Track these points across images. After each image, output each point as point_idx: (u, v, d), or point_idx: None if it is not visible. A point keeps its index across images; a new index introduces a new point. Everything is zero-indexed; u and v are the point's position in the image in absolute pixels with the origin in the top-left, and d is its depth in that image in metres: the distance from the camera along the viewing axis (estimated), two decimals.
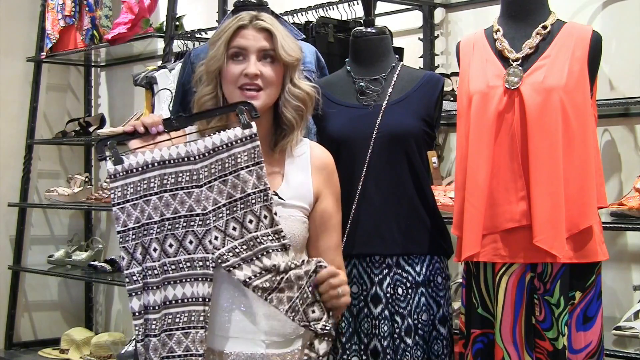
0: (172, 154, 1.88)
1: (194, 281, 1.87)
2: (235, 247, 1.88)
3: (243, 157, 1.89)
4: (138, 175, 1.87)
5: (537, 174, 2.33)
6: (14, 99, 5.10)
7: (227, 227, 1.88)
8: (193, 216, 1.88)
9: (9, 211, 5.04)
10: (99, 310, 5.30)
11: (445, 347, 2.53)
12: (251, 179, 1.89)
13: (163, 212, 1.87)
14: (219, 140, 1.89)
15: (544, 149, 2.33)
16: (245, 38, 2.00)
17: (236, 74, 1.99)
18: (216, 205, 1.88)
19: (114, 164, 1.87)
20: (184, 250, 1.87)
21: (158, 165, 1.88)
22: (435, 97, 2.59)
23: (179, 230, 1.87)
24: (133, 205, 1.86)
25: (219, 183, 1.89)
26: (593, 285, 2.40)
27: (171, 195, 1.87)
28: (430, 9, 3.56)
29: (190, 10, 4.42)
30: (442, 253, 2.58)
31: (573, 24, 2.48)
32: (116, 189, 1.87)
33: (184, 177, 1.88)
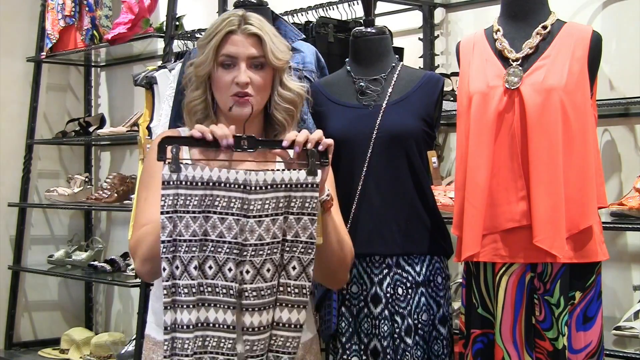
0: (229, 178, 1.82)
1: (227, 308, 1.83)
2: (261, 289, 1.85)
3: (297, 202, 1.84)
4: (191, 189, 1.81)
5: (537, 174, 2.33)
6: (14, 99, 5.10)
7: (262, 266, 1.84)
8: (234, 244, 1.83)
9: (9, 211, 5.04)
10: (99, 310, 5.30)
11: (445, 347, 2.53)
12: (295, 227, 1.85)
13: (207, 232, 1.82)
14: (280, 178, 1.84)
15: (544, 149, 2.33)
16: (235, 45, 1.98)
17: (227, 82, 1.98)
18: (259, 241, 1.84)
19: (170, 170, 1.80)
20: (222, 275, 1.83)
21: (213, 185, 1.82)
22: (435, 97, 2.59)
23: (221, 255, 1.83)
24: (179, 217, 1.80)
25: (268, 220, 1.84)
26: (593, 285, 2.40)
27: (220, 218, 1.82)
28: (430, 9, 3.56)
29: (190, 10, 4.42)
30: (442, 253, 2.58)
31: (573, 24, 2.48)
32: (167, 197, 1.80)
33: (236, 204, 1.82)
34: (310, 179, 1.84)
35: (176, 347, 1.80)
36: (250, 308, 1.84)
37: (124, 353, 4.34)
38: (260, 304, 1.85)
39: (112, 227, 5.24)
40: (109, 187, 4.65)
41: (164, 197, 1.79)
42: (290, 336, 1.87)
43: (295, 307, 1.87)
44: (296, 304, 1.87)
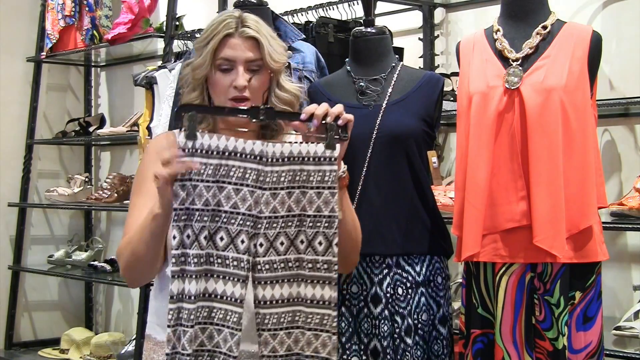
0: (245, 148, 1.81)
1: (237, 281, 1.81)
2: (274, 262, 1.83)
3: (316, 176, 1.83)
4: (206, 158, 1.79)
5: (537, 174, 2.33)
6: (14, 99, 5.10)
7: (275, 239, 1.83)
8: (248, 216, 1.81)
9: (9, 211, 5.04)
10: (99, 310, 5.30)
11: (445, 347, 2.53)
12: (317, 201, 1.83)
13: (221, 203, 1.80)
14: (297, 151, 1.83)
15: (544, 149, 2.33)
16: (233, 49, 1.97)
17: (225, 86, 1.97)
18: (273, 214, 1.82)
19: (186, 137, 1.78)
20: (234, 247, 1.81)
21: (228, 155, 1.80)
22: (435, 97, 2.59)
23: (233, 227, 1.80)
24: (193, 186, 1.78)
25: (284, 193, 1.83)
26: (593, 285, 2.40)
27: (234, 189, 1.80)
28: (430, 9, 3.56)
29: (190, 10, 4.42)
30: (442, 253, 2.58)
31: (573, 24, 2.48)
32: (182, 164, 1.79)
33: (251, 175, 1.81)
34: (328, 153, 1.83)
35: (182, 318, 1.78)
36: (263, 281, 1.82)
37: (124, 353, 4.34)
38: (273, 277, 1.83)
39: (112, 227, 5.24)
40: (109, 187, 4.65)
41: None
42: (326, 313, 1.84)
43: (327, 284, 1.84)
44: (327, 280, 1.84)
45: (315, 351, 1.84)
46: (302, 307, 1.85)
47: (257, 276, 1.83)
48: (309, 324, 1.84)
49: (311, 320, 1.84)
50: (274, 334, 1.83)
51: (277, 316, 1.83)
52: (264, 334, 1.83)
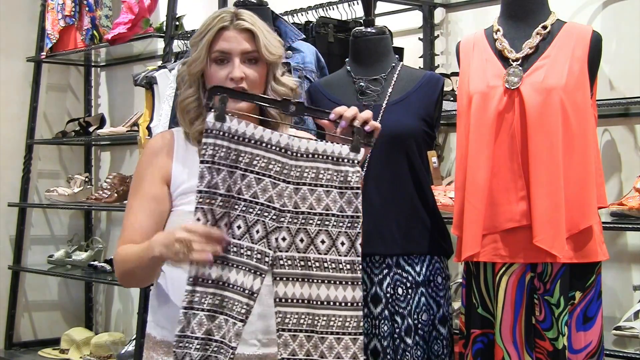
0: (272, 139, 1.81)
1: (247, 272, 1.79)
2: (294, 258, 1.82)
3: (339, 176, 1.83)
4: (232, 143, 1.79)
5: (537, 174, 2.33)
6: (14, 99, 5.10)
7: (296, 234, 1.82)
8: (269, 208, 1.81)
9: (9, 211, 5.04)
10: (99, 310, 5.30)
11: (445, 347, 2.54)
12: (340, 202, 1.83)
13: (241, 191, 1.79)
14: (322, 149, 1.83)
15: (544, 149, 2.33)
16: (228, 41, 1.97)
17: (221, 78, 1.97)
18: (295, 209, 1.82)
19: (215, 118, 1.79)
20: (249, 237, 1.80)
21: (254, 143, 1.80)
22: (435, 97, 2.59)
23: (251, 216, 1.80)
24: (217, 170, 1.78)
25: (306, 189, 1.82)
26: (593, 285, 2.40)
27: (256, 178, 1.80)
28: (430, 9, 3.56)
29: (190, 10, 4.42)
30: (442, 253, 2.58)
31: (573, 24, 2.48)
32: (208, 145, 1.78)
33: (275, 167, 1.81)
34: (352, 155, 1.84)
35: (194, 301, 1.77)
36: (285, 277, 1.81)
37: (124, 353, 4.34)
38: (293, 274, 1.81)
39: (112, 227, 5.24)
40: (109, 187, 4.65)
41: (206, 146, 1.78)
42: (349, 315, 1.81)
43: (349, 284, 1.82)
44: (350, 280, 1.82)
45: (338, 356, 1.81)
46: (322, 310, 1.82)
47: (278, 272, 1.81)
48: (332, 327, 1.81)
49: (333, 323, 1.81)
50: (294, 335, 1.81)
51: (298, 316, 1.81)
52: (284, 335, 1.81)
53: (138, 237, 1.97)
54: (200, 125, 2.00)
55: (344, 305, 1.82)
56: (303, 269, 1.82)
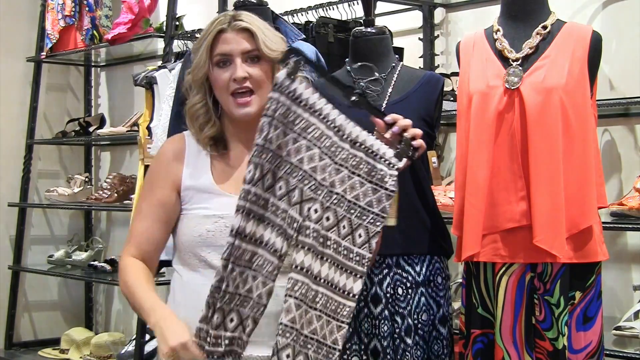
0: (330, 115, 1.85)
1: (279, 234, 1.83)
2: (319, 231, 1.85)
3: (377, 174, 1.86)
4: (294, 104, 1.82)
5: (537, 174, 2.33)
6: (14, 99, 5.10)
7: (326, 211, 1.86)
8: (311, 177, 1.84)
9: (9, 211, 5.04)
10: (99, 310, 5.30)
11: (445, 347, 2.53)
12: (371, 197, 1.86)
13: (290, 153, 1.83)
14: (370, 143, 1.86)
15: (544, 149, 2.33)
16: (227, 43, 1.97)
17: (225, 81, 1.97)
18: (332, 188, 1.86)
19: (285, 74, 1.82)
20: (287, 200, 1.83)
21: (313, 112, 1.84)
22: (435, 97, 2.59)
23: (293, 180, 1.83)
24: (275, 126, 1.81)
25: (346, 173, 1.86)
26: (593, 285, 2.40)
27: (306, 145, 1.83)
28: (430, 9, 3.56)
29: (190, 10, 4.42)
30: (442, 253, 2.58)
31: (573, 24, 2.48)
32: (273, 100, 1.81)
33: (326, 142, 1.84)
34: (394, 160, 1.87)
35: (233, 254, 1.80)
36: (306, 247, 1.84)
37: (124, 353, 4.34)
38: (313, 247, 1.84)
39: (112, 227, 5.24)
40: (109, 187, 4.65)
41: (271, 100, 1.82)
42: (343, 303, 1.86)
43: (352, 275, 1.87)
44: (354, 271, 1.87)
45: (323, 337, 1.85)
46: (324, 289, 1.86)
47: (302, 240, 1.85)
48: (327, 309, 1.86)
49: (329, 305, 1.86)
50: (299, 304, 1.84)
51: (306, 288, 1.84)
52: (289, 301, 1.84)
53: (145, 244, 2.00)
54: (210, 130, 2.01)
55: (341, 292, 1.87)
56: (321, 246, 1.85)
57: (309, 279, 1.85)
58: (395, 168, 1.86)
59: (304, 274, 1.84)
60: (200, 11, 4.50)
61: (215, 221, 1.97)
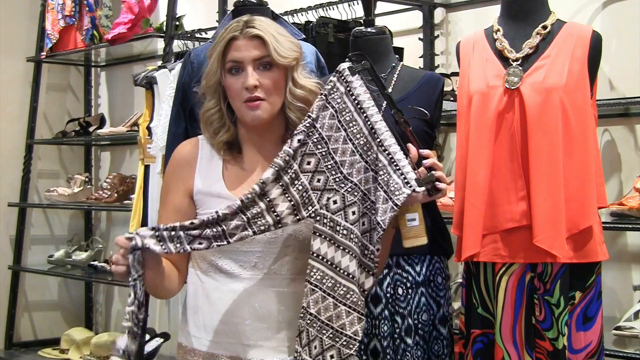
0: (373, 117, 1.91)
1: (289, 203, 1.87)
2: (339, 224, 1.88)
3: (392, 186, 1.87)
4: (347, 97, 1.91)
5: (537, 174, 2.33)
6: (14, 99, 5.11)
7: (350, 206, 1.89)
8: (338, 169, 1.90)
9: (9, 211, 5.04)
10: (99, 310, 5.30)
11: (445, 347, 2.54)
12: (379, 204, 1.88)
13: (330, 138, 1.90)
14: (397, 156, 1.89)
15: (544, 149, 2.33)
16: (238, 50, 1.97)
17: (238, 89, 1.97)
18: (358, 184, 1.90)
19: (348, 68, 1.91)
20: (308, 177, 1.88)
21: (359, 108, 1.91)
22: (435, 97, 2.59)
23: (322, 164, 1.89)
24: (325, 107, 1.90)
25: (371, 174, 1.90)
26: (593, 285, 2.40)
27: (344, 138, 1.91)
28: (430, 9, 3.56)
29: (190, 10, 4.42)
30: (442, 253, 2.58)
31: (573, 24, 2.48)
32: (331, 82, 1.91)
33: (361, 140, 1.90)
34: (413, 183, 1.88)
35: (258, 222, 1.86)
36: (323, 235, 1.88)
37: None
38: (331, 236, 1.88)
39: (112, 227, 5.24)
40: (109, 187, 4.65)
41: (330, 82, 1.92)
42: (354, 290, 1.88)
43: (365, 270, 1.90)
44: (367, 268, 1.90)
45: (342, 327, 1.87)
46: (344, 280, 1.88)
47: (318, 227, 1.89)
48: (347, 299, 1.88)
49: (350, 297, 1.88)
50: (313, 289, 1.87)
51: (322, 275, 1.88)
52: (308, 286, 1.88)
53: None
54: (224, 135, 2.01)
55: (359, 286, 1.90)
56: (343, 237, 1.89)
57: (325, 268, 1.88)
58: (411, 188, 1.87)
59: (321, 262, 1.88)
60: (200, 11, 4.50)
61: None
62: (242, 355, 1.95)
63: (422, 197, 1.89)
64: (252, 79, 1.95)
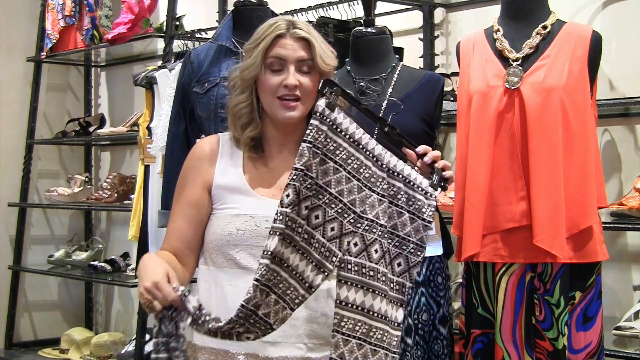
0: (369, 144, 1.85)
1: (311, 263, 1.79)
2: (364, 266, 1.83)
3: (415, 204, 1.86)
4: (334, 134, 1.82)
5: (537, 174, 2.33)
6: (14, 99, 5.10)
7: (371, 245, 1.84)
8: (350, 210, 1.82)
9: (9, 211, 5.04)
10: (99, 310, 5.30)
11: (445, 347, 2.54)
12: (409, 227, 1.85)
13: (330, 184, 1.81)
14: (407, 172, 1.86)
15: (544, 149, 2.33)
16: (284, 48, 1.97)
17: (275, 85, 1.97)
18: (376, 219, 1.84)
19: (325, 104, 1.82)
20: (322, 230, 1.81)
21: (352, 142, 1.83)
22: (435, 97, 2.59)
23: (331, 212, 1.81)
24: (315, 153, 1.80)
25: (387, 203, 1.85)
26: (593, 285, 2.40)
27: (346, 177, 1.83)
28: (430, 9, 3.56)
29: (190, 10, 4.42)
30: (442, 253, 2.58)
31: (573, 24, 2.48)
32: (314, 127, 1.80)
33: (365, 173, 1.84)
34: (431, 190, 1.87)
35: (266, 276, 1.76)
36: (349, 282, 1.82)
37: (124, 353, 4.34)
38: (359, 280, 1.82)
39: (112, 227, 5.24)
40: (109, 187, 4.66)
41: (311, 127, 1.81)
42: (396, 334, 1.85)
43: (395, 304, 1.86)
44: (397, 301, 1.87)
45: None
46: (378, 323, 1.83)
47: (344, 275, 1.82)
48: (384, 342, 1.83)
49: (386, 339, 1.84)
50: (347, 339, 1.82)
51: (354, 322, 1.83)
52: (337, 337, 1.83)
53: (176, 242, 2.01)
54: (252, 131, 2.01)
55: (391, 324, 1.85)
56: (370, 279, 1.83)
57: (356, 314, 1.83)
58: (433, 197, 1.87)
59: (351, 309, 1.83)
60: (200, 11, 4.50)
61: (245, 220, 1.97)
62: (260, 352, 1.94)
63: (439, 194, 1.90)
64: (294, 78, 1.96)
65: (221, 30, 2.81)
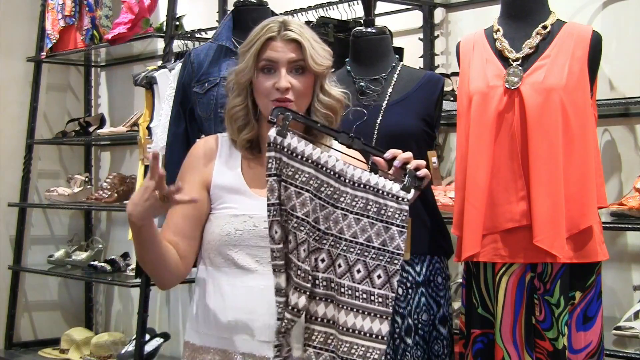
0: (328, 162, 1.84)
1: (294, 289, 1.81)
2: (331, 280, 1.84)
3: (387, 211, 1.85)
4: (290, 159, 1.82)
5: (537, 174, 2.33)
6: (14, 99, 5.10)
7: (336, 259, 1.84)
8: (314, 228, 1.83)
9: (9, 211, 5.04)
10: (99, 310, 5.30)
11: (445, 347, 2.54)
12: (384, 235, 1.85)
13: (295, 208, 1.81)
14: (374, 182, 1.85)
15: (544, 149, 2.33)
16: (275, 50, 1.98)
17: (268, 88, 1.98)
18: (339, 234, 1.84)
19: (276, 133, 1.81)
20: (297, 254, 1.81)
21: (311, 163, 1.83)
22: (435, 97, 2.59)
23: (301, 234, 1.81)
24: (285, 187, 1.81)
25: (352, 218, 1.85)
26: (593, 285, 2.40)
27: (310, 198, 1.82)
28: (430, 9, 3.56)
29: (190, 10, 4.42)
30: (442, 253, 2.58)
31: (573, 24, 2.48)
32: (274, 159, 1.81)
33: (327, 190, 1.84)
34: (402, 194, 1.86)
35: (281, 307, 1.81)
36: (318, 297, 1.83)
37: (124, 353, 4.34)
38: (326, 295, 1.83)
39: (112, 227, 5.24)
40: (109, 187, 4.65)
41: (271, 159, 1.81)
42: (372, 347, 1.83)
43: (377, 317, 1.85)
44: (379, 313, 1.85)
45: None
46: (345, 336, 1.83)
47: (315, 291, 1.83)
48: (353, 354, 1.83)
49: (355, 351, 1.83)
50: (319, 352, 1.84)
51: (325, 336, 1.84)
52: (309, 350, 1.84)
53: (171, 235, 2.01)
54: (248, 134, 2.03)
55: (368, 336, 1.84)
56: (336, 293, 1.84)
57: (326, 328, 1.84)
58: (405, 201, 1.86)
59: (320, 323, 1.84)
60: (200, 11, 4.50)
61: (244, 221, 1.98)
62: (257, 352, 1.95)
63: (414, 196, 1.88)
64: (285, 81, 1.96)
65: (221, 30, 2.82)
